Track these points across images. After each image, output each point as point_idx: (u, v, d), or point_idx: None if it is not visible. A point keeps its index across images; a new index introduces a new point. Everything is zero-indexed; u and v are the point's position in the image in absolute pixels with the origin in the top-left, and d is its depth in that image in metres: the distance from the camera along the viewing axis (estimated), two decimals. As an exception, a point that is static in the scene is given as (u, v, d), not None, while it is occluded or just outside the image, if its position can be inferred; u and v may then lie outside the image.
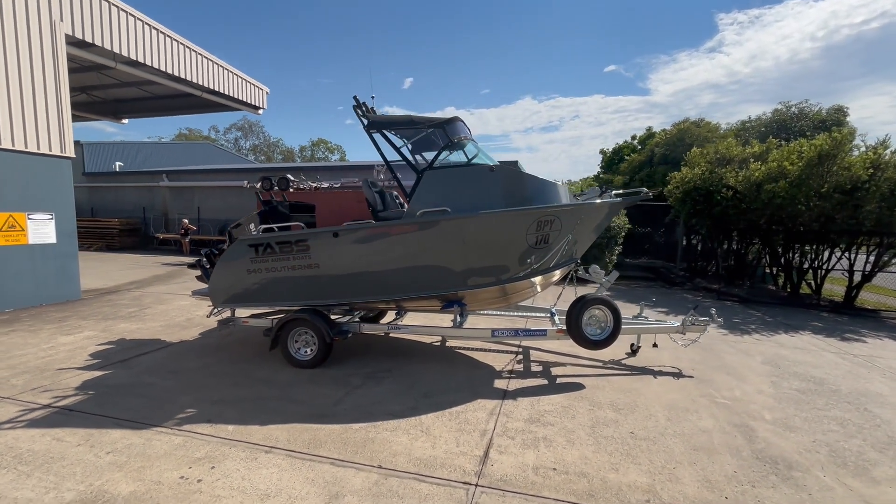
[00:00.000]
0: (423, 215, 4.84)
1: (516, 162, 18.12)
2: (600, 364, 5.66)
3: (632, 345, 6.09)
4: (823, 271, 10.75)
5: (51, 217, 8.69)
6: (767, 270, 13.16)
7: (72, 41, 9.32)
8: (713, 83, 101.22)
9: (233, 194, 19.76)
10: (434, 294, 5.24)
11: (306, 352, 5.29)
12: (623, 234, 12.61)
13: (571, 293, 5.49)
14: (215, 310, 5.75)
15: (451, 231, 4.87)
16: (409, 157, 5.41)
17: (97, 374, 4.99)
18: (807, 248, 10.86)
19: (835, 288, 11.62)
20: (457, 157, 5.39)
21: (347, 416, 4.07)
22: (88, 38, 9.22)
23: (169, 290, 10.28)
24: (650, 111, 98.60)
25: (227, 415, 4.05)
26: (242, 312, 6.04)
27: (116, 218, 21.20)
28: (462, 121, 5.37)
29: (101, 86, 13.80)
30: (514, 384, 4.94)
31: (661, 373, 5.38)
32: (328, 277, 5.22)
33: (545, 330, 5.35)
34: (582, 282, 5.70)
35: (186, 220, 19.11)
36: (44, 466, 3.19)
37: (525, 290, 5.59)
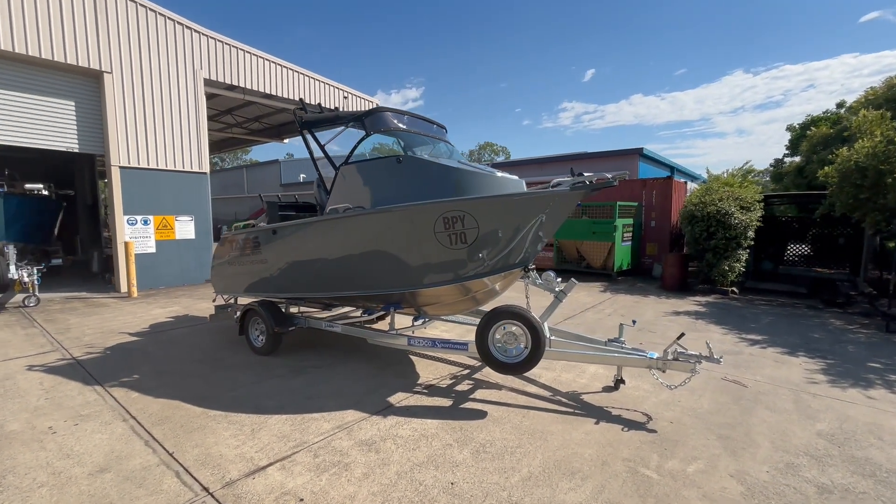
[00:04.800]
0: (330, 213, 4.75)
1: (645, 150, 15.54)
2: (549, 395, 4.53)
3: (615, 376, 4.70)
4: None
5: (191, 219, 11.46)
6: None
7: (222, 85, 12.13)
8: None
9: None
10: (367, 293, 5.06)
11: (261, 339, 5.75)
12: (749, 233, 9.56)
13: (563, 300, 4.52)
14: (218, 296, 6.75)
15: (353, 229, 4.64)
16: (329, 154, 5.33)
17: (131, 339, 6.45)
18: None
19: None
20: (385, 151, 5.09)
21: (222, 403, 4.30)
22: (222, 80, 11.81)
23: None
24: (935, 64, 70.80)
25: (148, 385, 4.75)
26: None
27: (295, 219, 26.44)
28: (390, 111, 5.02)
29: (265, 114, 17.42)
30: (413, 400, 4.39)
31: (617, 418, 4.00)
32: (275, 271, 5.57)
33: (466, 343, 4.57)
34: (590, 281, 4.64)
35: None
36: (2, 400, 4.35)
37: (484, 291, 4.88)
